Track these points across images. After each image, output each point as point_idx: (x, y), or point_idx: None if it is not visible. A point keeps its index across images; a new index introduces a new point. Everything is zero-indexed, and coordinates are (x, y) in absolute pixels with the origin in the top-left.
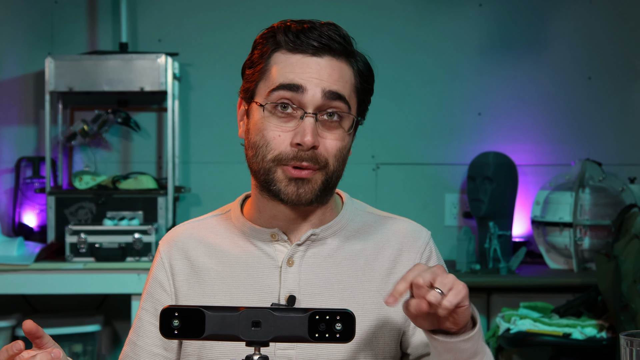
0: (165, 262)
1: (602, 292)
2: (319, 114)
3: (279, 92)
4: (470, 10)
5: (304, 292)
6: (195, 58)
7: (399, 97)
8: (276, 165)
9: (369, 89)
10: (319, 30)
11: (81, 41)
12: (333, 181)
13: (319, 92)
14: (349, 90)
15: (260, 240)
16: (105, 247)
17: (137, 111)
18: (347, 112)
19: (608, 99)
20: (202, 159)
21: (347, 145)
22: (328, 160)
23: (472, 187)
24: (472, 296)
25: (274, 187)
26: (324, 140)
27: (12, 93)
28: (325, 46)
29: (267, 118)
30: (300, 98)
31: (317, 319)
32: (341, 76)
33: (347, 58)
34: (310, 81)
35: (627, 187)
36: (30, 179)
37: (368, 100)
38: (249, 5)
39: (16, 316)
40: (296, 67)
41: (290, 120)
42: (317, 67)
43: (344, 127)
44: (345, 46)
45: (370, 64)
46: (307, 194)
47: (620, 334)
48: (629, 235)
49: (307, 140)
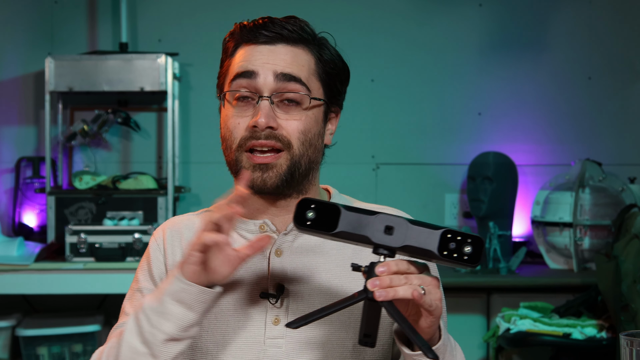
0: (160, 243)
1: (602, 292)
2: (274, 97)
3: (236, 81)
4: (470, 10)
5: (292, 281)
6: (195, 58)
7: (399, 97)
8: (240, 154)
9: (336, 74)
10: (275, 23)
11: (81, 41)
12: (303, 167)
13: (271, 75)
14: (306, 73)
15: (248, 232)
16: (105, 247)
17: (137, 111)
18: (304, 93)
19: (608, 99)
20: (202, 159)
21: (311, 128)
22: (291, 141)
23: (472, 187)
24: (472, 296)
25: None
26: (282, 122)
27: (12, 93)
28: (278, 34)
29: (229, 110)
30: (255, 84)
31: (448, 237)
32: (295, 60)
33: (305, 45)
34: (262, 66)
35: (627, 187)
36: (30, 179)
37: (338, 88)
38: (249, 5)
39: (16, 316)
40: (250, 55)
41: (249, 107)
42: (269, 54)
43: (303, 107)
44: (300, 34)
45: (338, 53)
46: (271, 179)
47: (620, 334)
48: (629, 235)
49: (260, 121)
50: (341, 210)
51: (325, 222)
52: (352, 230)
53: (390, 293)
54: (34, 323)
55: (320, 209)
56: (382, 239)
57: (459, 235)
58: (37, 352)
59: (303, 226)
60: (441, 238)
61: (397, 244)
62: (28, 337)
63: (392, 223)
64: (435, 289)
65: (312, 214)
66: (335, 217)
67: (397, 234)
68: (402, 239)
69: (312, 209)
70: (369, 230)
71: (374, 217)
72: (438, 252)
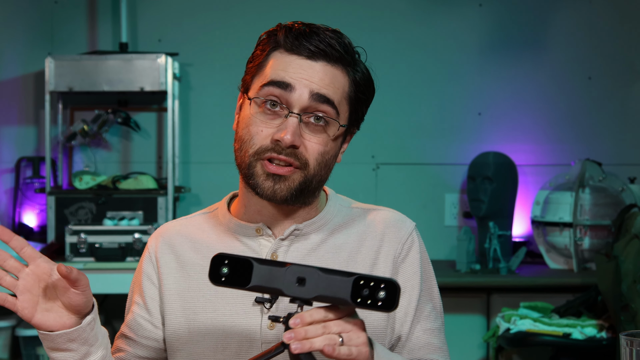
0: (152, 256)
1: (602, 292)
2: (304, 116)
3: (268, 87)
4: (470, 10)
5: None
6: (195, 58)
7: (399, 97)
8: (256, 160)
9: (365, 99)
10: (319, 36)
11: (81, 41)
12: (313, 185)
13: (307, 93)
14: (339, 97)
15: (245, 236)
16: (105, 247)
17: (137, 111)
18: (334, 117)
19: (608, 99)
20: (202, 159)
21: (330, 151)
22: (308, 161)
23: (472, 187)
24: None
25: (252, 181)
26: (305, 142)
27: (12, 93)
28: (322, 51)
29: (255, 114)
30: (288, 97)
31: (361, 284)
32: (333, 82)
33: (344, 66)
34: (300, 81)
35: (627, 187)
36: (30, 179)
37: (363, 111)
38: (248, 6)
39: (16, 316)
40: (289, 66)
41: (276, 118)
42: (309, 70)
43: (329, 132)
44: (342, 54)
45: (370, 76)
46: (282, 191)
47: (620, 334)
48: (629, 235)
49: (286, 138)
50: (253, 265)
51: (239, 277)
52: (265, 284)
53: (306, 345)
54: None
55: (234, 265)
56: (295, 291)
57: (371, 281)
58: (37, 352)
59: (218, 282)
60: (354, 285)
61: (309, 295)
62: (28, 337)
63: (304, 274)
64: (358, 333)
65: (226, 270)
66: (248, 272)
67: (309, 285)
68: (314, 290)
69: (226, 264)
70: (281, 283)
71: (285, 269)
72: (351, 300)
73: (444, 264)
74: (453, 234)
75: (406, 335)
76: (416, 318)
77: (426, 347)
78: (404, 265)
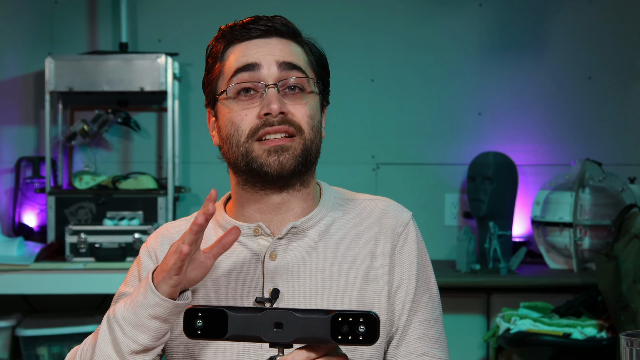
0: (152, 253)
1: (602, 292)
2: (280, 86)
3: (237, 75)
4: (470, 10)
5: (287, 284)
6: (195, 58)
7: (399, 97)
8: (251, 143)
9: (325, 66)
10: (264, 19)
11: (81, 41)
12: (313, 153)
13: (274, 65)
14: (303, 63)
15: (244, 236)
16: (105, 247)
17: (137, 111)
18: (306, 82)
19: (608, 99)
20: (202, 159)
21: (315, 115)
22: (301, 124)
23: (472, 187)
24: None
25: (255, 165)
26: (291, 107)
27: (12, 93)
28: (272, 28)
29: (232, 107)
30: (258, 76)
31: (339, 321)
32: (292, 52)
33: (295, 39)
34: (263, 58)
35: (627, 187)
36: (30, 179)
37: (327, 79)
38: (248, 6)
39: (16, 316)
40: (248, 50)
41: (254, 100)
42: (267, 46)
43: (307, 98)
44: (291, 29)
45: (319, 47)
46: (289, 160)
47: (620, 334)
48: (629, 235)
49: (273, 107)
50: (228, 315)
51: (215, 328)
52: (243, 332)
53: None
54: (34, 323)
55: (208, 316)
56: (274, 336)
57: (350, 317)
58: (37, 352)
59: (194, 336)
60: (332, 323)
61: (289, 338)
62: (28, 337)
63: (280, 318)
64: None
65: (200, 323)
66: (224, 322)
67: (287, 328)
68: (293, 333)
69: (200, 317)
70: (259, 329)
71: (261, 315)
72: (332, 338)
73: (444, 264)
74: (453, 234)
75: (403, 327)
76: (412, 310)
77: (422, 339)
78: (401, 256)
